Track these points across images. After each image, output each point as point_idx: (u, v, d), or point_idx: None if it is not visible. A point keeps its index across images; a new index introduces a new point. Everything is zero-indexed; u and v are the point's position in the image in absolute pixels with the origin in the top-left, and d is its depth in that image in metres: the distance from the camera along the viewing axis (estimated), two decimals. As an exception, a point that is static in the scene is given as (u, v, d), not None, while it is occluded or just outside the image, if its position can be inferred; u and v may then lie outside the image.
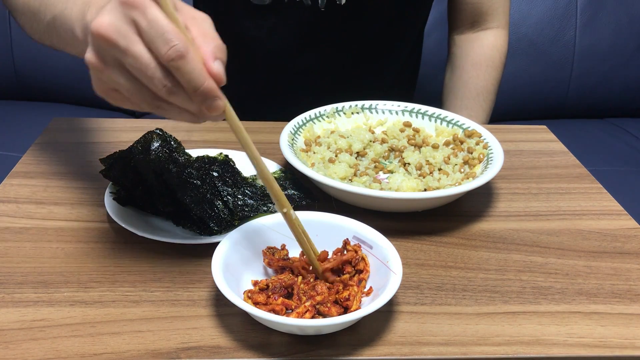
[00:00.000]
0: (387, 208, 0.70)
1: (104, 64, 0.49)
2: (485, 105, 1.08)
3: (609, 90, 1.74)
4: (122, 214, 0.66)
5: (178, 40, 0.46)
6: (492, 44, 1.08)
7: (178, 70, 0.47)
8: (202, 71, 0.48)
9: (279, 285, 0.57)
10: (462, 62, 1.09)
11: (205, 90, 0.48)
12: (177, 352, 0.52)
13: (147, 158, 0.68)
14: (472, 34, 1.09)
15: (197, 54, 0.48)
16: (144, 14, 0.47)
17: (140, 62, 0.47)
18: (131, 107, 0.52)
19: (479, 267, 0.64)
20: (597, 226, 0.72)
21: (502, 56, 1.09)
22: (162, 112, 0.51)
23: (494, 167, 0.72)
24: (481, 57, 1.08)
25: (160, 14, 0.47)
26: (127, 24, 0.47)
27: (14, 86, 1.66)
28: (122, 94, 0.51)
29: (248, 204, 0.69)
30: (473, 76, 1.08)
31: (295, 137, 0.79)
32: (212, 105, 0.49)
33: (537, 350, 0.54)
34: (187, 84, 0.48)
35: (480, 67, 1.08)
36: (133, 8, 0.47)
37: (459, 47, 1.10)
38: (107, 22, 0.47)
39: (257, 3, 0.95)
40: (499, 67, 1.09)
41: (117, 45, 0.47)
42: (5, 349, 0.52)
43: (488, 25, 1.08)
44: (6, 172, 0.77)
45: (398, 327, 0.56)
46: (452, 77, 1.11)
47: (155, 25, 0.46)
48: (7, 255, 0.63)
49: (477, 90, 1.08)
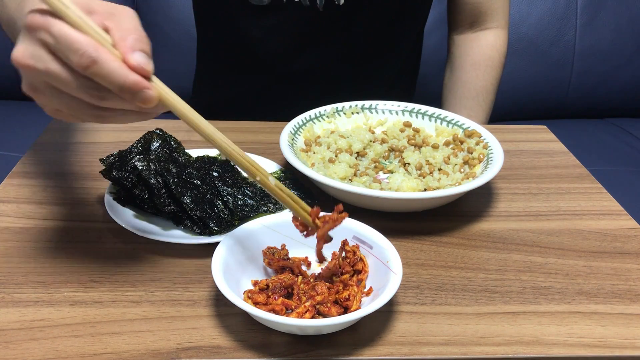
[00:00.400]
0: (387, 208, 0.70)
1: (37, 91, 0.51)
2: (484, 105, 1.08)
3: (609, 90, 1.74)
4: (122, 214, 0.66)
5: (87, 47, 0.46)
6: (492, 44, 1.08)
7: (97, 76, 0.47)
8: (120, 68, 0.47)
9: (279, 285, 0.57)
10: (462, 62, 1.09)
11: (129, 86, 0.47)
12: (177, 352, 0.52)
13: (147, 158, 0.68)
14: (472, 34, 1.09)
15: (115, 52, 0.48)
16: (49, 32, 0.47)
17: (61, 78, 0.48)
18: (80, 121, 0.53)
19: (479, 267, 0.64)
20: (597, 226, 0.72)
21: (502, 56, 1.09)
22: (108, 120, 0.52)
23: (494, 167, 0.72)
24: (480, 57, 1.08)
25: (65, 26, 0.47)
26: (38, 46, 0.48)
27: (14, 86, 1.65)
28: (65, 112, 0.51)
29: (248, 204, 0.69)
30: (472, 76, 1.08)
31: (295, 137, 0.79)
32: (144, 98, 0.48)
33: (537, 350, 0.54)
34: (110, 86, 0.47)
35: (480, 67, 1.08)
36: (38, 30, 0.48)
37: (458, 47, 1.10)
38: (22, 50, 0.49)
39: (256, 3, 0.95)
40: (498, 67, 1.09)
41: (36, 70, 0.48)
42: (5, 349, 0.52)
43: (487, 25, 1.08)
44: (6, 172, 0.77)
45: (398, 327, 0.56)
46: (451, 77, 1.11)
47: (61, 40, 0.47)
48: (7, 255, 0.63)
49: (476, 90, 1.08)
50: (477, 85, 1.08)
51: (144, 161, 0.68)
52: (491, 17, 1.08)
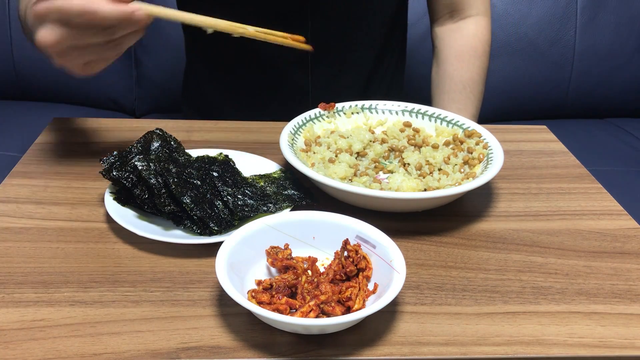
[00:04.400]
0: (387, 208, 0.70)
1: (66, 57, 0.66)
2: (472, 97, 1.06)
3: (609, 90, 1.74)
4: (122, 214, 0.66)
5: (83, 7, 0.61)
6: (473, 33, 1.06)
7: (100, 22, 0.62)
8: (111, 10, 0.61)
9: (282, 285, 0.57)
10: (445, 54, 1.07)
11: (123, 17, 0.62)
12: (177, 352, 0.52)
13: (147, 158, 0.68)
14: (453, 24, 1.07)
15: None
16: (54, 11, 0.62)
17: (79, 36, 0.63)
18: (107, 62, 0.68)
19: (479, 267, 0.64)
20: (597, 226, 0.72)
21: (485, 45, 1.06)
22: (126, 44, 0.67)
23: (494, 167, 0.72)
24: (463, 48, 1.06)
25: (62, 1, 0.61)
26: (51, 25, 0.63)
27: (14, 86, 1.66)
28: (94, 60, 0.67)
29: (248, 204, 0.69)
30: (457, 68, 1.05)
31: (295, 137, 0.79)
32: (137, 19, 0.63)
33: (537, 350, 0.54)
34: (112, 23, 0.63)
35: (463, 58, 1.05)
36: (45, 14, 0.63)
37: (440, 39, 1.08)
38: (43, 34, 0.63)
39: None
40: (482, 56, 1.06)
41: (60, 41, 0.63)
42: (5, 349, 0.52)
43: (467, 13, 1.06)
44: (6, 172, 0.77)
45: (398, 327, 0.56)
46: (437, 72, 1.08)
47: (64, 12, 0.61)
48: (7, 255, 0.63)
49: (462, 82, 1.05)
50: (463, 77, 1.05)
51: (144, 161, 0.68)
52: (469, 5, 1.05)
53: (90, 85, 1.67)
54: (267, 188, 0.71)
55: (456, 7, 1.06)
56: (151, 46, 1.65)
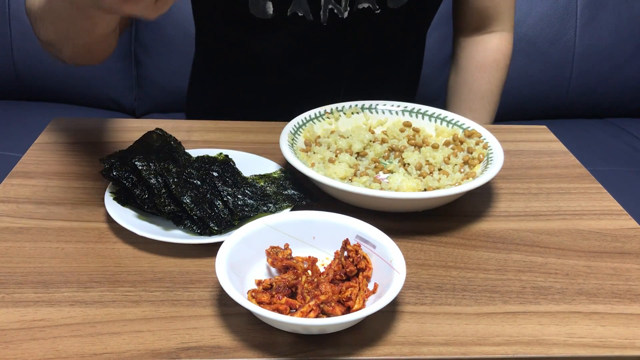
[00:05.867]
0: (387, 208, 0.70)
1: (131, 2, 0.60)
2: (489, 107, 1.09)
3: (609, 90, 1.74)
4: (122, 214, 0.66)
5: None
6: (497, 47, 1.08)
7: None
8: None
9: (282, 285, 0.57)
10: (467, 64, 1.10)
11: None
12: (177, 352, 0.52)
13: (147, 158, 0.68)
14: (477, 36, 1.09)
15: None
16: None
17: None
18: None
19: (479, 267, 0.64)
20: (597, 226, 0.72)
21: (507, 59, 1.09)
22: None
23: (494, 167, 0.72)
24: (486, 60, 1.08)
25: None
26: None
27: (14, 86, 1.66)
28: None
29: (248, 204, 0.69)
30: (478, 78, 1.08)
31: (295, 137, 0.79)
32: None
33: (537, 350, 0.54)
34: None
35: (485, 69, 1.08)
36: None
37: (463, 49, 1.11)
38: None
39: (259, 17, 0.94)
40: (503, 69, 1.09)
41: None
42: (5, 349, 0.52)
43: (493, 28, 1.08)
44: (6, 172, 0.77)
45: (398, 327, 0.56)
46: (457, 80, 1.11)
47: None
48: (7, 255, 0.63)
49: (481, 92, 1.08)
50: (483, 88, 1.08)
51: (144, 161, 0.68)
52: (497, 21, 1.08)
53: (90, 85, 1.67)
54: (267, 188, 0.72)
55: (484, 23, 1.08)
56: (151, 46, 1.65)
